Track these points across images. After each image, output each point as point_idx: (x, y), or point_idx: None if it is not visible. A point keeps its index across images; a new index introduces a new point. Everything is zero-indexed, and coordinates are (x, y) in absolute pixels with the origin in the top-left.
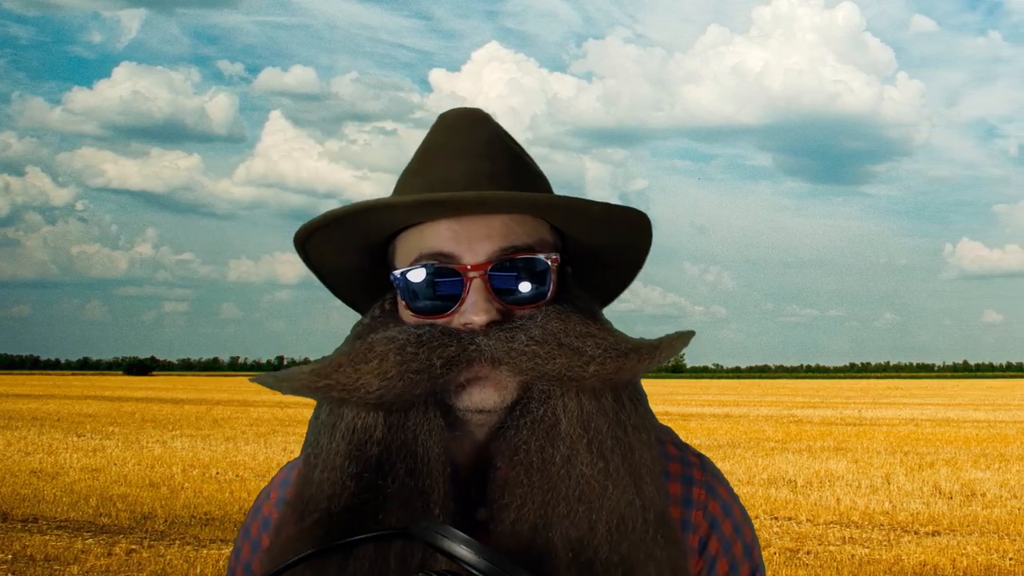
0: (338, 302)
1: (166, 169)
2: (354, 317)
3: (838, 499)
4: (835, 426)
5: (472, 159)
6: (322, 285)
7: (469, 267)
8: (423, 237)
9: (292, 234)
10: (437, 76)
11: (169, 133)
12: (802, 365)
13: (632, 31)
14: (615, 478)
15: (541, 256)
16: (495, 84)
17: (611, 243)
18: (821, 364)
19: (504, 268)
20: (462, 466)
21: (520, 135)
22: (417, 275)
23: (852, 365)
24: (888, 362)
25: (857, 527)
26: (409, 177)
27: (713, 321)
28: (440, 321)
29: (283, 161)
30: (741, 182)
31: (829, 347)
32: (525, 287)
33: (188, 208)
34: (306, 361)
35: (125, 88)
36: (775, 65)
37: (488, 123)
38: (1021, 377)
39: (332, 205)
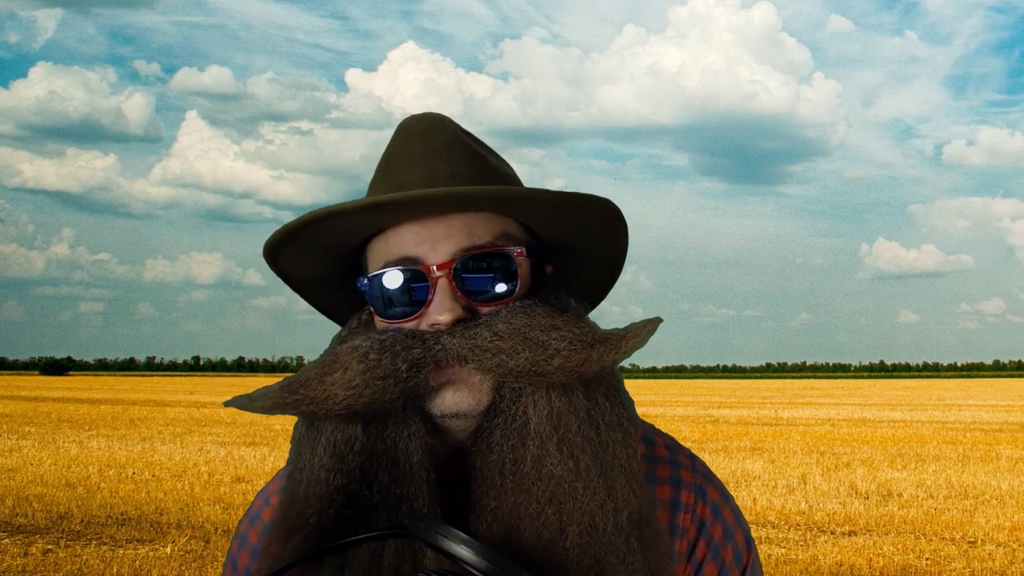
0: (253, 302)
1: (82, 169)
2: (276, 318)
3: (755, 499)
4: (751, 426)
5: (430, 162)
6: (236, 287)
7: (433, 268)
8: (388, 243)
9: (208, 234)
10: (353, 76)
11: (85, 133)
12: (718, 365)
13: (548, 31)
14: (585, 478)
15: (505, 251)
16: (411, 84)
17: (578, 235)
18: (737, 364)
19: (468, 266)
20: (447, 472)
21: None
22: (382, 280)
23: (768, 365)
24: (804, 362)
25: (773, 527)
26: (373, 185)
27: (629, 321)
28: (409, 325)
29: (199, 161)
30: (657, 182)
31: (745, 347)
32: (491, 284)
33: (104, 208)
34: (222, 361)
35: (41, 88)
36: (691, 65)
37: (446, 126)
38: (937, 377)
39: (249, 205)
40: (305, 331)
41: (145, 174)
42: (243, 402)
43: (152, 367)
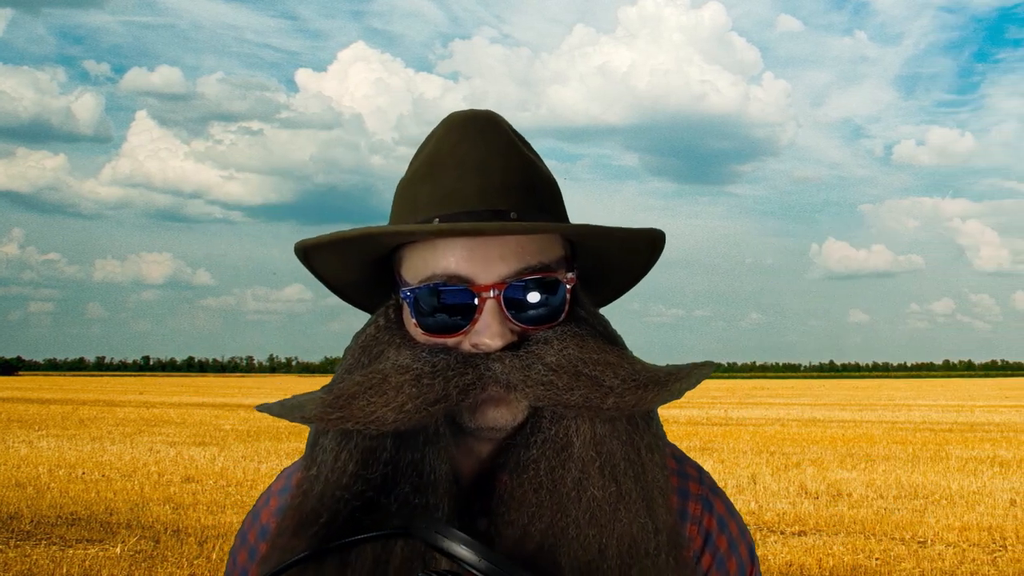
0: (203, 302)
1: (32, 169)
2: (226, 318)
3: None
4: (701, 426)
5: (484, 171)
6: (186, 287)
7: (483, 287)
8: (436, 255)
9: (158, 234)
10: (303, 76)
11: (35, 133)
12: (668, 365)
13: (498, 31)
14: (627, 501)
15: (557, 276)
16: (361, 84)
17: (623, 260)
18: None
19: (519, 289)
20: (464, 477)
21: (387, 135)
22: (429, 294)
23: (718, 365)
24: (755, 362)
25: None
26: (415, 185)
27: None
28: (451, 340)
29: (149, 161)
30: (607, 182)
31: (695, 347)
32: (540, 308)
33: (54, 208)
34: (172, 361)
35: None
36: (641, 65)
37: (499, 128)
38: (887, 377)
39: (198, 205)
40: (254, 331)
41: (95, 174)
42: (277, 410)
43: (102, 367)
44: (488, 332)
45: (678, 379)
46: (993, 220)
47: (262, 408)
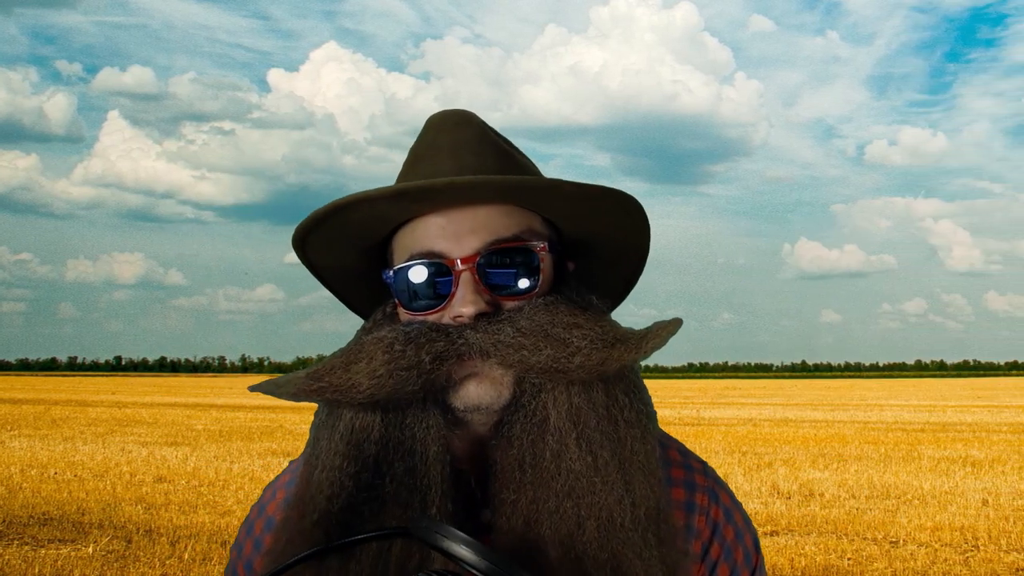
0: (175, 302)
1: (3, 169)
2: (203, 320)
3: None
4: (673, 426)
5: (458, 154)
6: (158, 287)
7: (457, 261)
8: (414, 236)
9: (130, 234)
10: (275, 76)
11: (7, 133)
12: (641, 365)
13: (470, 31)
14: (604, 474)
15: (528, 246)
16: (333, 84)
17: (599, 229)
18: (659, 364)
19: (492, 261)
20: (465, 466)
21: (359, 135)
22: (407, 273)
23: (690, 365)
24: (726, 362)
25: None
26: (400, 180)
27: None
28: (432, 317)
29: (121, 161)
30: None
31: (667, 347)
32: (514, 278)
33: (26, 208)
34: (144, 361)
35: None
36: (613, 65)
37: (473, 122)
38: (859, 377)
39: (170, 205)
40: (226, 331)
41: (67, 174)
42: (269, 387)
43: (74, 367)
44: (462, 302)
45: (644, 338)
46: (965, 220)
47: (254, 387)
